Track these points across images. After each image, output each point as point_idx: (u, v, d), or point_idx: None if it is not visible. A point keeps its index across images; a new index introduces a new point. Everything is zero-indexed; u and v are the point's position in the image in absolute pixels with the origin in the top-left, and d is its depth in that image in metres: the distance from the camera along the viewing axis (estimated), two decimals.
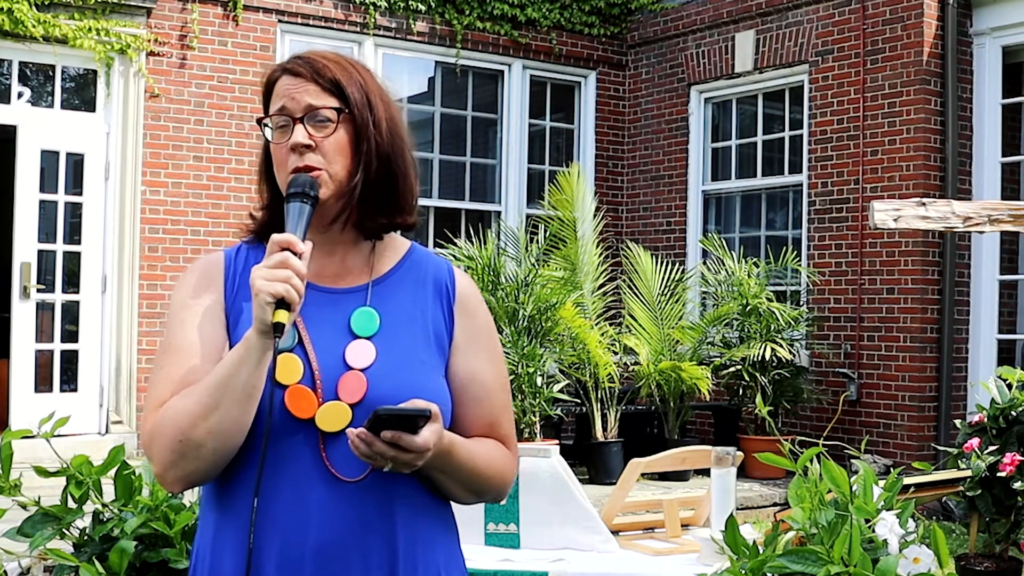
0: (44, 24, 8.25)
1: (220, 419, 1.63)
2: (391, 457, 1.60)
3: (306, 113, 1.76)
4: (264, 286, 1.60)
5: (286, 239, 1.65)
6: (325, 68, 1.79)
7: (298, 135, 1.75)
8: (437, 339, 1.80)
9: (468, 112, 10.56)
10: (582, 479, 7.90)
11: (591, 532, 3.74)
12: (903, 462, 8.11)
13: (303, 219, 1.70)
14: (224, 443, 1.65)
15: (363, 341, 1.74)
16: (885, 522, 2.33)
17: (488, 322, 1.88)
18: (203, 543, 1.76)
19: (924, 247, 8.60)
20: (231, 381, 1.63)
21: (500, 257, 8.66)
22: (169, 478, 1.68)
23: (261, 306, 1.61)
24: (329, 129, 1.76)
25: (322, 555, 1.67)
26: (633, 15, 10.89)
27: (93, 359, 8.65)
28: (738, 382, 8.84)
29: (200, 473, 1.68)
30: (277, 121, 1.78)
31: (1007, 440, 4.52)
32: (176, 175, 8.93)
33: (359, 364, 1.72)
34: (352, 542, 1.68)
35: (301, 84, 1.78)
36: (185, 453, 1.65)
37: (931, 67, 8.64)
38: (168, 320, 1.80)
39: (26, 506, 2.56)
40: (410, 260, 1.86)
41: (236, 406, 1.64)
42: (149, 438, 1.68)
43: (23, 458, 2.74)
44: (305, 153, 1.74)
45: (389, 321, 1.77)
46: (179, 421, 1.64)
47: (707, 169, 10.55)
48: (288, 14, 9.41)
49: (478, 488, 1.79)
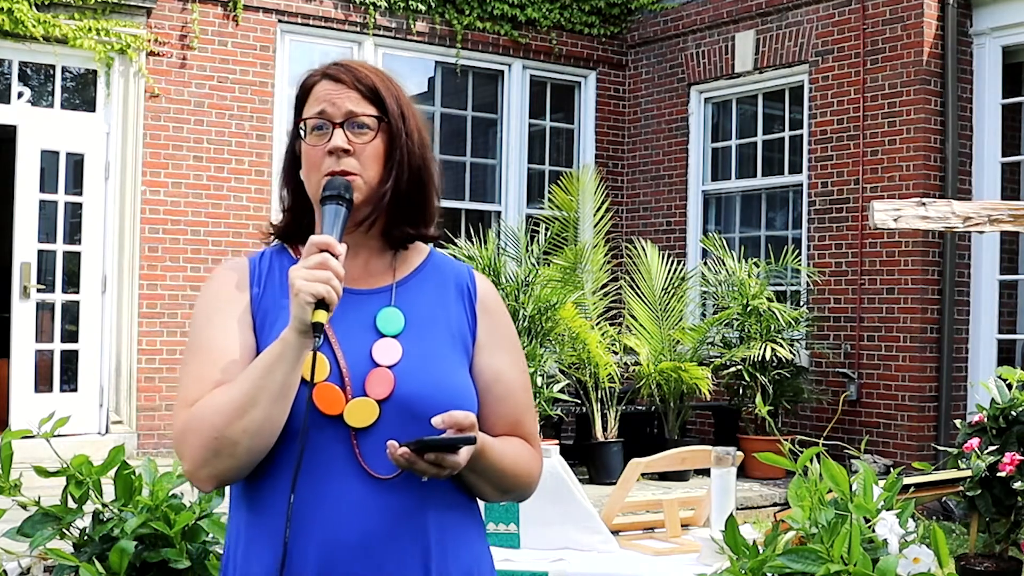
0: (44, 24, 8.25)
1: (256, 417, 1.65)
2: (432, 474, 1.66)
3: (347, 119, 1.79)
4: (305, 286, 1.63)
5: (325, 241, 1.67)
6: (366, 76, 1.83)
7: (337, 139, 1.78)
8: (461, 338, 1.84)
9: (468, 112, 10.56)
10: (582, 479, 7.90)
11: (591, 532, 3.75)
12: (903, 462, 8.11)
13: (339, 221, 1.73)
14: (259, 441, 1.67)
15: (389, 339, 1.77)
16: (885, 522, 2.33)
17: (509, 323, 1.93)
18: (234, 541, 1.78)
19: (924, 247, 8.60)
20: (268, 379, 1.65)
21: (500, 257, 8.67)
22: (201, 476, 1.69)
23: (301, 306, 1.63)
24: (368, 136, 1.80)
25: (357, 551, 1.69)
26: (633, 15, 10.89)
27: (93, 359, 8.65)
28: (738, 382, 8.84)
29: (232, 471, 1.69)
30: (314, 124, 1.81)
31: (1007, 440, 4.53)
32: (176, 175, 8.93)
33: (386, 361, 1.75)
34: (385, 537, 1.70)
35: (342, 90, 1.81)
36: (220, 451, 1.66)
37: (931, 67, 8.64)
38: (195, 321, 1.82)
39: (26, 506, 2.56)
40: (431, 263, 1.91)
41: (273, 404, 1.66)
42: (181, 435, 1.70)
43: (23, 458, 2.75)
44: (343, 158, 1.78)
45: (414, 320, 1.81)
46: (214, 419, 1.66)
47: (707, 169, 10.55)
48: (288, 14, 9.41)
49: (507, 486, 1.82)
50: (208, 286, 1.85)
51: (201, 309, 1.82)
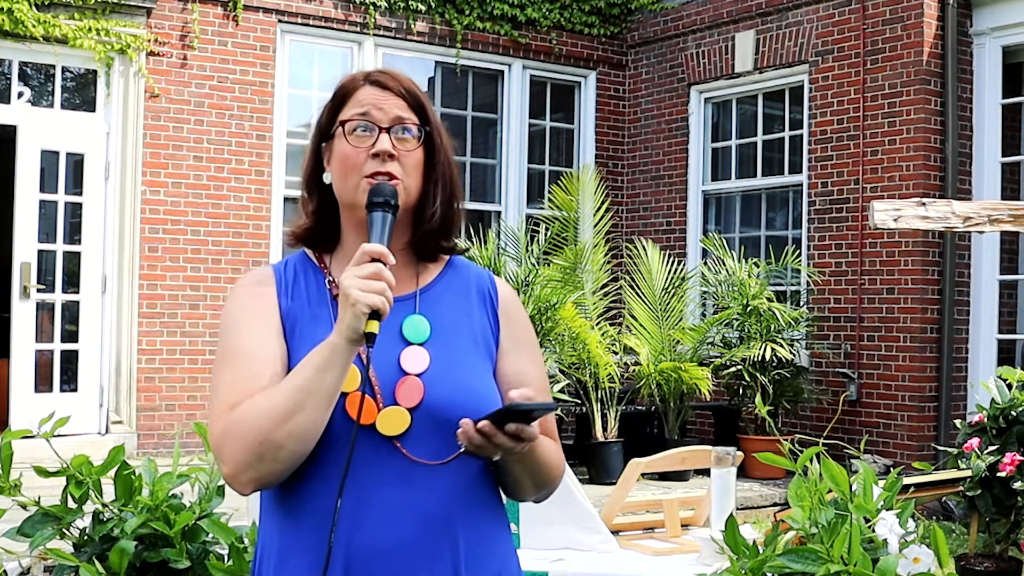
0: (44, 24, 8.25)
1: (302, 422, 1.66)
2: (508, 448, 1.67)
3: (393, 124, 1.81)
4: (362, 297, 1.63)
5: (379, 250, 1.68)
6: (411, 86, 1.85)
7: (383, 143, 1.79)
8: (485, 343, 1.86)
9: (468, 112, 10.56)
10: (582, 479, 7.90)
11: (591, 532, 3.75)
12: (903, 462, 8.11)
13: (387, 228, 1.75)
14: (303, 446, 1.68)
15: (416, 347, 1.79)
16: (885, 522, 2.33)
17: (529, 326, 1.95)
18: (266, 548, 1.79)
19: (924, 247, 8.60)
20: (315, 385, 1.66)
21: (500, 257, 8.67)
22: (243, 479, 1.70)
23: (357, 316, 1.64)
24: (412, 144, 1.82)
25: (387, 556, 1.71)
26: (633, 15, 10.89)
27: (93, 359, 8.65)
28: (738, 382, 8.84)
29: (274, 475, 1.70)
30: (358, 124, 1.81)
31: (1007, 440, 4.53)
32: (176, 175, 8.93)
33: (415, 369, 1.77)
34: (415, 543, 1.72)
35: (389, 96, 1.83)
36: (264, 455, 1.67)
37: (931, 67, 8.64)
38: (224, 328, 1.83)
39: (26, 506, 2.56)
40: (452, 269, 1.93)
41: (317, 409, 1.66)
42: (222, 439, 1.70)
43: (23, 458, 2.75)
44: (388, 161, 1.79)
45: (439, 327, 1.83)
46: (259, 422, 1.67)
47: (707, 169, 10.55)
48: (288, 14, 9.41)
49: (543, 480, 1.85)
50: (235, 295, 1.86)
51: (230, 317, 1.82)
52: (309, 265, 1.88)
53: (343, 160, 1.81)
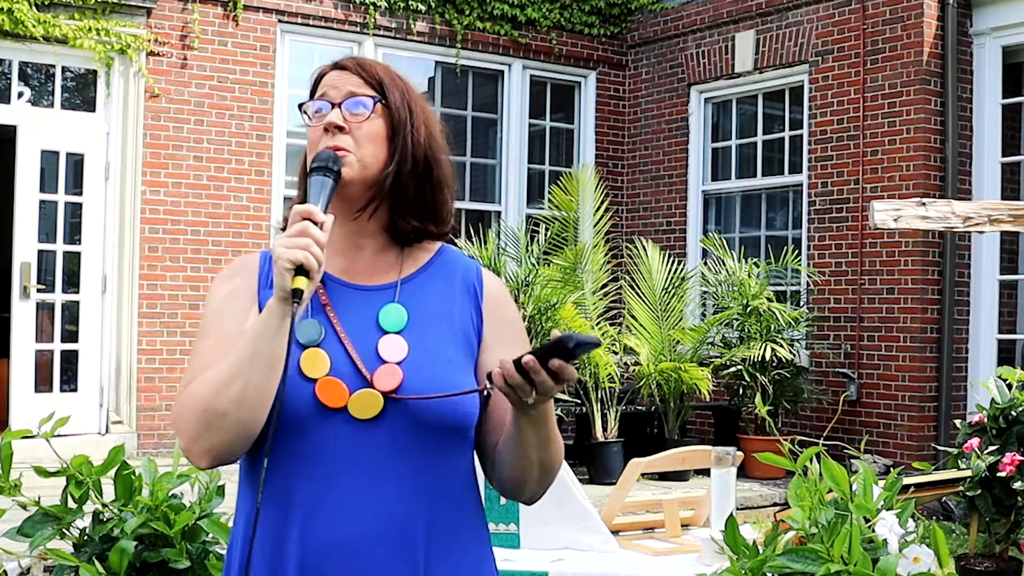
0: (44, 24, 8.25)
1: (243, 387, 1.65)
2: (547, 388, 1.59)
3: (345, 99, 1.82)
4: (284, 252, 1.63)
5: (306, 209, 1.68)
6: (371, 66, 1.87)
7: (332, 116, 1.80)
8: (465, 337, 1.83)
9: (468, 112, 10.56)
10: (582, 479, 7.90)
11: (591, 532, 3.75)
12: (903, 462, 8.11)
13: (324, 191, 1.74)
14: (248, 413, 1.66)
15: (394, 336, 1.77)
16: (885, 522, 2.33)
17: (517, 320, 1.92)
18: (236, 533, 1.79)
19: (924, 247, 8.59)
20: (253, 348, 1.66)
21: (500, 257, 8.67)
22: (195, 451, 1.69)
23: (280, 272, 1.63)
24: (364, 116, 1.81)
25: (352, 546, 1.68)
26: (633, 15, 10.89)
27: (93, 359, 8.65)
28: (738, 382, 8.84)
29: (225, 445, 1.68)
30: (315, 106, 1.84)
31: (1007, 440, 4.53)
32: (176, 175, 8.93)
33: (393, 357, 1.75)
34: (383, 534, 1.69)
35: (345, 75, 1.85)
36: (210, 423, 1.66)
37: (931, 67, 8.64)
38: (205, 314, 1.84)
39: (26, 506, 2.56)
40: (440, 259, 1.90)
41: (258, 373, 1.65)
42: (177, 413, 1.72)
43: (23, 458, 2.75)
44: (336, 135, 1.79)
45: (418, 317, 1.80)
46: (203, 391, 1.67)
47: (707, 169, 10.54)
48: (288, 14, 9.41)
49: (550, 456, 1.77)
50: (218, 282, 1.87)
51: (212, 303, 1.83)
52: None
53: (309, 144, 1.84)
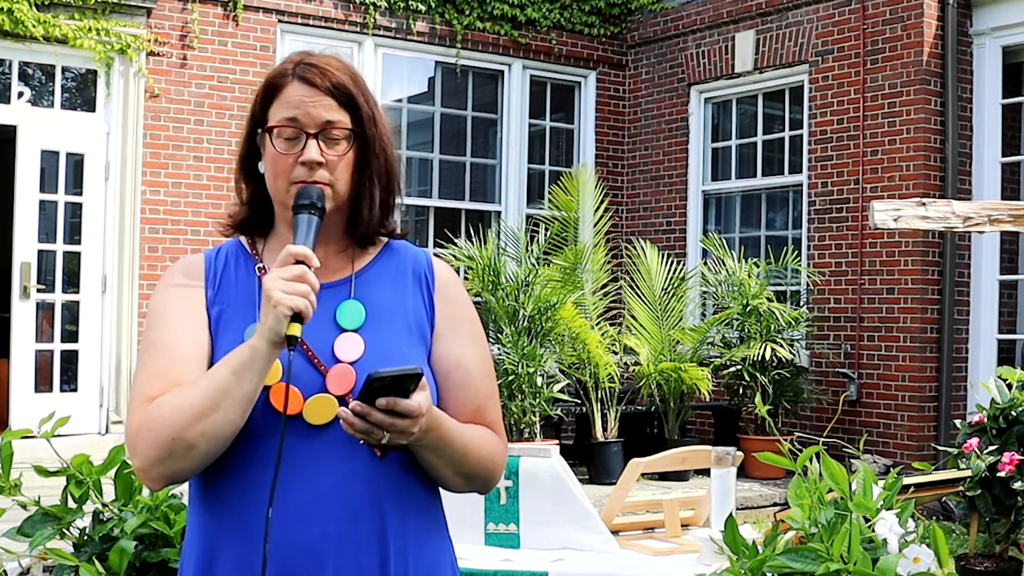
0: (44, 24, 8.25)
1: (217, 422, 1.63)
2: (388, 426, 1.59)
3: (321, 129, 1.75)
4: (284, 299, 1.61)
5: (302, 252, 1.65)
6: (340, 81, 1.77)
7: (311, 151, 1.74)
8: (419, 328, 1.81)
9: (468, 112, 10.56)
10: (582, 479, 7.90)
11: (591, 532, 3.74)
12: (903, 462, 8.11)
13: (312, 231, 1.71)
14: (215, 446, 1.65)
15: (351, 334, 1.76)
16: (885, 522, 2.33)
17: (469, 308, 1.89)
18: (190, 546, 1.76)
19: (924, 247, 8.59)
20: (233, 387, 1.63)
21: (500, 257, 8.66)
22: (153, 474, 1.67)
23: (279, 318, 1.61)
24: (342, 148, 1.77)
25: (313, 550, 1.67)
26: (633, 15, 10.89)
27: (93, 359, 8.65)
28: (738, 382, 8.84)
29: (185, 472, 1.68)
30: (286, 132, 1.77)
31: (1007, 440, 4.53)
32: (176, 175, 8.93)
33: (348, 357, 1.74)
34: (342, 537, 1.68)
35: (316, 96, 1.76)
36: (174, 452, 1.64)
37: (931, 67, 8.64)
38: (150, 318, 1.80)
39: (26, 506, 2.56)
40: (389, 251, 1.88)
41: (235, 410, 1.64)
42: (136, 433, 1.67)
43: (23, 458, 2.75)
44: (317, 170, 1.75)
45: (374, 313, 1.79)
46: (174, 420, 1.64)
47: (707, 169, 10.54)
48: (288, 14, 9.42)
49: (468, 471, 1.77)
50: (163, 284, 1.84)
51: (157, 306, 1.80)
52: (242, 252, 1.86)
53: (273, 163, 1.78)
